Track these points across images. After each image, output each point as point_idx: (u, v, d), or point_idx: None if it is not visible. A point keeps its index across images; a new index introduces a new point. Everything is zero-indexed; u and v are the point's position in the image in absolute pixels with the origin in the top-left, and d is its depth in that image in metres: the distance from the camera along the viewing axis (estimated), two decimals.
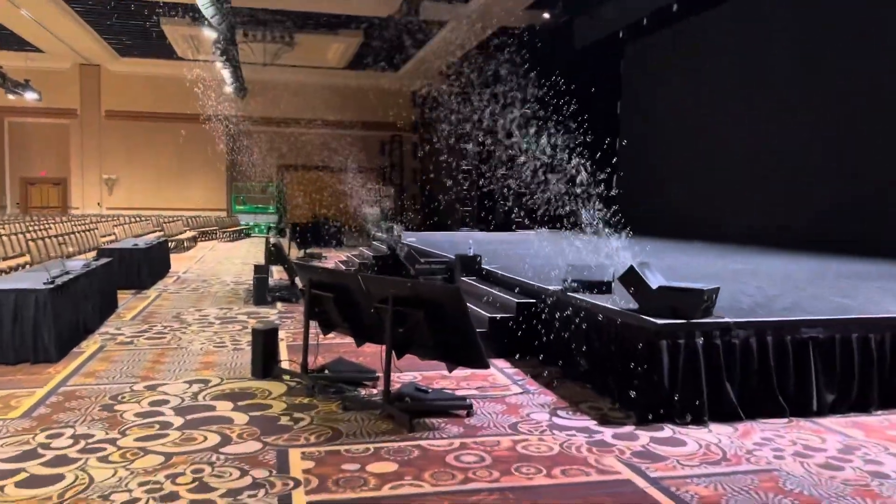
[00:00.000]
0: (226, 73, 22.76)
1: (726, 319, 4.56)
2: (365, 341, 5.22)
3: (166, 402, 4.86)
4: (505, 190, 20.46)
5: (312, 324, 5.41)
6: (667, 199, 15.71)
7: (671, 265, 7.74)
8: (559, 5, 17.57)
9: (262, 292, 9.31)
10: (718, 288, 4.68)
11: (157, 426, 4.34)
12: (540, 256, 9.77)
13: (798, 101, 12.17)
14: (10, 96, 22.58)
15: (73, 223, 16.17)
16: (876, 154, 10.69)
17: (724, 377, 4.47)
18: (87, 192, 27.49)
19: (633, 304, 4.87)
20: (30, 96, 22.63)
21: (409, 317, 4.37)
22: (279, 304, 9.35)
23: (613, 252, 6.17)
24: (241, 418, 4.49)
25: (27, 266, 9.67)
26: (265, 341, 5.49)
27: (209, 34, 19.03)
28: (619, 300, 5.30)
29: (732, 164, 13.71)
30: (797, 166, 11.99)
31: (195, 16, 17.84)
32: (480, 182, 20.98)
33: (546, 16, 18.46)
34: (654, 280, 4.71)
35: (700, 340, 4.45)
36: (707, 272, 7.60)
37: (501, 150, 20.30)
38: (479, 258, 8.18)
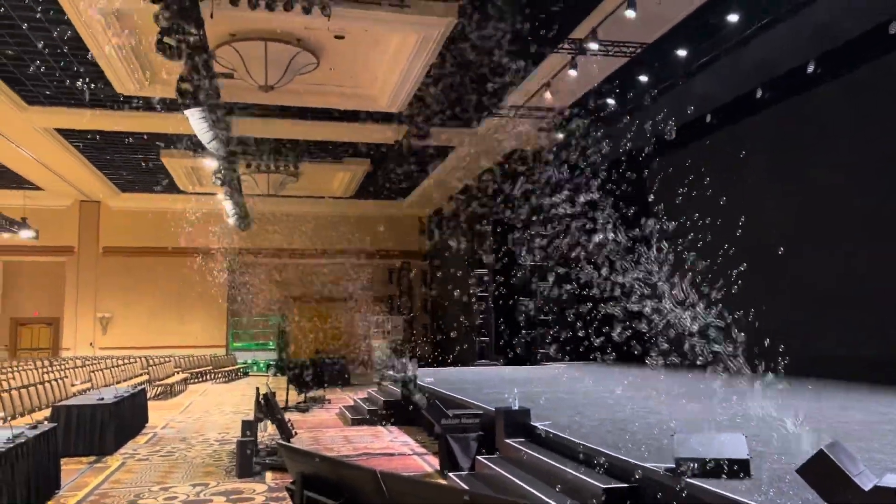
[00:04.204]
0: (227, 205, 21.85)
1: None
2: None
3: None
4: (528, 318, 18.84)
5: None
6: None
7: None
8: (574, 126, 16.73)
9: (247, 461, 7.39)
10: None
11: None
12: (601, 405, 7.91)
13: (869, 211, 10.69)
14: (5, 235, 21.64)
15: (42, 370, 14.40)
16: None
17: None
18: (80, 332, 25.97)
19: None
20: (25, 235, 21.68)
21: None
22: (269, 476, 7.39)
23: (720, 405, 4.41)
24: None
25: None
26: None
27: (210, 165, 18.19)
28: (772, 491, 3.48)
29: (790, 282, 12.04)
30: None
31: (196, 147, 17.07)
32: (500, 310, 19.33)
33: (560, 136, 17.59)
34: (861, 473, 2.91)
35: None
36: (848, 431, 5.66)
37: (524, 274, 18.85)
38: (528, 414, 6.32)
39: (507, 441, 6.19)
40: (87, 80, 14.09)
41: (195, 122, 12.23)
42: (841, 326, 10.89)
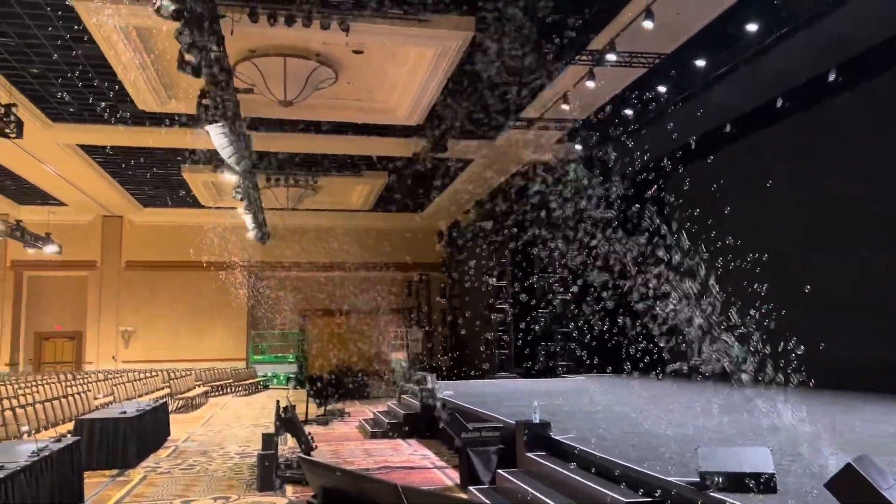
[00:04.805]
0: (247, 219, 22.04)
1: None
2: None
3: None
4: (549, 330, 18.73)
5: None
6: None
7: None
8: (592, 138, 16.70)
9: (267, 474, 7.40)
10: None
11: None
12: (624, 419, 7.84)
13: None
14: (30, 250, 21.96)
15: (66, 384, 14.56)
16: None
17: None
18: (103, 346, 26.24)
19: None
20: (49, 250, 21.97)
21: None
22: (290, 489, 7.39)
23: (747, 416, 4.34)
24: None
25: None
26: None
27: (230, 179, 18.35)
28: None
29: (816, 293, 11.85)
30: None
31: (216, 162, 17.26)
32: (519, 322, 19.23)
33: (578, 148, 17.56)
34: (891, 487, 2.85)
35: None
36: (877, 443, 5.56)
37: (543, 285, 18.77)
38: (549, 427, 6.28)
39: (528, 455, 6.15)
40: (110, 97, 14.34)
41: (215, 137, 12.36)
42: (856, 332, 10.74)
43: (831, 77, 10.26)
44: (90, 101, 14.59)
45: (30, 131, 14.29)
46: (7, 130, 12.73)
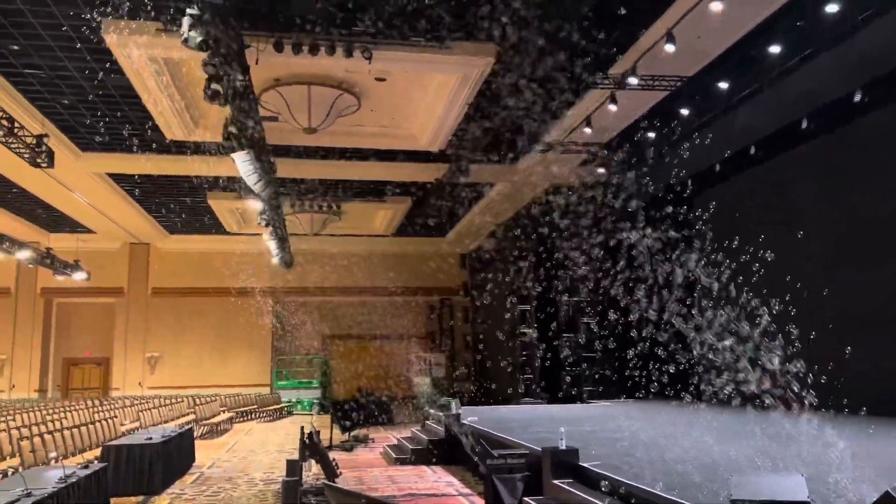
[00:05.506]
0: (272, 245, 22.21)
1: None
2: None
3: None
4: (574, 355, 18.52)
5: None
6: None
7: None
8: (615, 161, 16.66)
9: (292, 501, 7.35)
10: None
11: None
12: (651, 444, 7.69)
13: None
14: (59, 277, 22.35)
15: (93, 410, 14.68)
16: None
17: None
18: (129, 372, 26.50)
19: None
20: (78, 276, 22.35)
21: None
22: None
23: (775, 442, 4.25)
24: None
25: (10, 473, 7.94)
26: None
27: (255, 206, 18.52)
28: None
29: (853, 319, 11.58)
30: None
31: (242, 189, 17.45)
32: (543, 346, 19.06)
33: (601, 171, 17.51)
34: None
35: None
36: None
37: (568, 309, 18.59)
38: (576, 454, 6.18)
39: (555, 482, 6.05)
40: (138, 126, 14.63)
41: (241, 164, 12.51)
42: (883, 352, 10.46)
43: (857, 97, 10.14)
44: (119, 130, 14.90)
45: (60, 161, 14.61)
46: (39, 160, 13.02)
